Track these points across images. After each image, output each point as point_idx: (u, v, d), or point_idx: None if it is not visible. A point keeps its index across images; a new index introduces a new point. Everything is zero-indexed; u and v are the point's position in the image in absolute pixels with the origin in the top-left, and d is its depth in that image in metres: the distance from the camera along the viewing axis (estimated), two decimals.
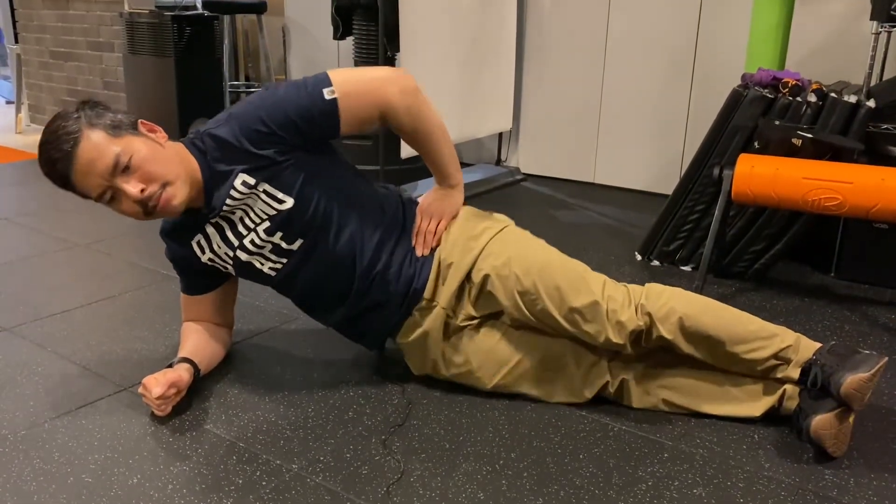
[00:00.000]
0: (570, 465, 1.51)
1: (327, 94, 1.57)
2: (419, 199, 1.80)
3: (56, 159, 1.51)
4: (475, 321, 1.73)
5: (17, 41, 5.43)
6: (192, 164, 1.61)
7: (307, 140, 1.61)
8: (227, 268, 1.75)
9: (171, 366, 1.71)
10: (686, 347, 1.62)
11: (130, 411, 1.69)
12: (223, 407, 1.72)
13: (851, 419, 1.52)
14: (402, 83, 1.61)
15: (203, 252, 1.73)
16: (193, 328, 1.86)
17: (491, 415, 1.70)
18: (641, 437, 1.62)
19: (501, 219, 1.81)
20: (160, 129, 1.64)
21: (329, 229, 1.67)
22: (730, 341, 1.60)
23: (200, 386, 1.78)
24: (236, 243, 1.68)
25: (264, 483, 1.45)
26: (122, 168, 1.52)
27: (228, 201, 1.62)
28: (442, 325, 1.73)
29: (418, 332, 1.74)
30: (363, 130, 1.68)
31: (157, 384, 1.61)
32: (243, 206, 1.64)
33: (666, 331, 1.60)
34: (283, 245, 1.67)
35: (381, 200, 1.76)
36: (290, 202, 1.62)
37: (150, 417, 1.66)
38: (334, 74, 1.59)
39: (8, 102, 6.29)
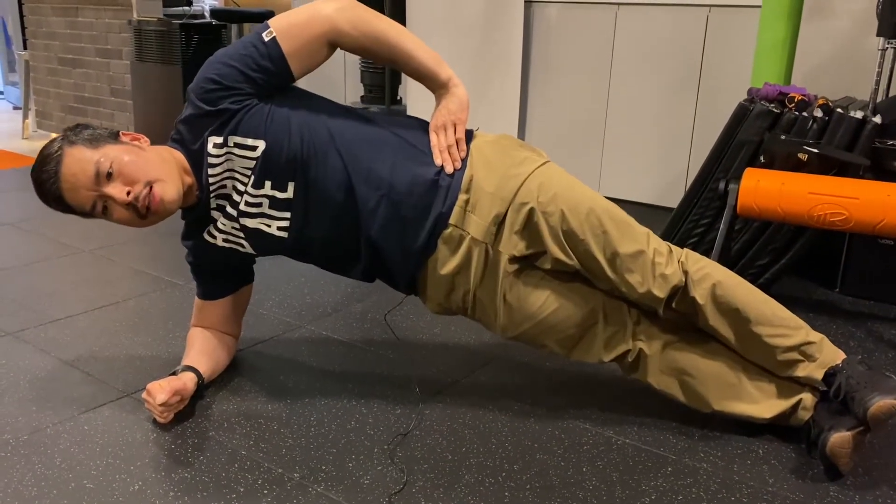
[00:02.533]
0: (573, 478, 1.51)
1: (266, 36, 1.57)
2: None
3: (44, 181, 1.56)
4: (516, 266, 1.63)
5: (25, 47, 5.46)
6: (177, 157, 1.63)
7: (263, 87, 1.58)
8: (243, 245, 1.71)
9: (174, 373, 1.71)
10: (713, 317, 1.59)
11: (133, 417, 1.69)
12: (225, 414, 1.71)
13: (866, 438, 1.50)
14: (335, 2, 1.58)
15: (215, 238, 1.72)
16: (200, 335, 1.87)
17: (494, 426, 1.69)
18: (645, 451, 1.61)
19: (540, 152, 1.72)
20: (143, 136, 1.66)
21: (314, 159, 1.59)
22: (756, 320, 1.57)
23: (203, 393, 1.78)
24: (235, 213, 1.66)
25: (266, 491, 1.44)
26: (106, 175, 1.54)
27: (210, 171, 1.62)
28: (480, 260, 1.62)
29: (452, 266, 1.63)
30: (319, 63, 1.63)
31: (162, 391, 1.61)
32: (228, 173, 1.62)
33: (699, 294, 1.57)
34: (278, 195, 1.61)
35: (373, 122, 1.67)
36: (262, 144, 1.58)
37: (152, 424, 1.66)
38: (274, 19, 1.60)
39: (15, 108, 6.33)
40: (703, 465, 1.56)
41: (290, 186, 1.61)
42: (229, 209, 1.67)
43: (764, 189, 2.13)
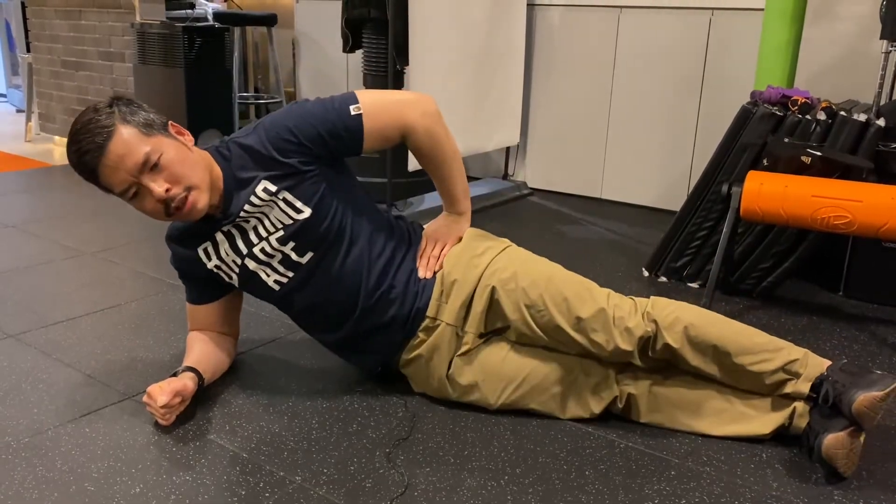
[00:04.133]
0: (575, 482, 1.50)
1: (353, 110, 1.63)
2: (425, 226, 1.83)
3: (87, 150, 1.53)
4: (482, 339, 1.73)
5: (28, 50, 5.47)
6: (216, 170, 1.64)
7: (331, 154, 1.66)
8: (231, 277, 1.75)
9: (175, 375, 1.71)
10: (693, 358, 1.61)
11: (134, 420, 1.69)
12: (227, 417, 1.71)
13: (862, 438, 1.50)
14: (424, 106, 1.67)
15: (209, 259, 1.74)
16: (198, 337, 1.86)
17: (496, 429, 1.69)
18: (648, 455, 1.60)
19: (503, 240, 1.84)
20: (188, 132, 1.67)
21: (340, 245, 1.68)
22: (736, 352, 1.59)
23: (205, 396, 1.77)
24: (245, 251, 1.69)
25: (267, 495, 1.44)
26: (151, 166, 1.55)
27: (247, 207, 1.64)
28: (451, 343, 1.72)
29: (424, 348, 1.73)
30: (383, 148, 1.73)
31: (162, 393, 1.60)
32: (259, 214, 1.65)
33: (672, 339, 1.59)
34: (293, 257, 1.68)
35: (391, 219, 1.80)
36: (307, 212, 1.64)
37: (153, 426, 1.66)
38: (361, 94, 1.66)
39: (18, 111, 6.33)
40: (707, 468, 1.56)
41: (309, 255, 1.68)
42: (240, 244, 1.69)
43: (767, 192, 2.13)
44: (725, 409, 1.65)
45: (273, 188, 1.63)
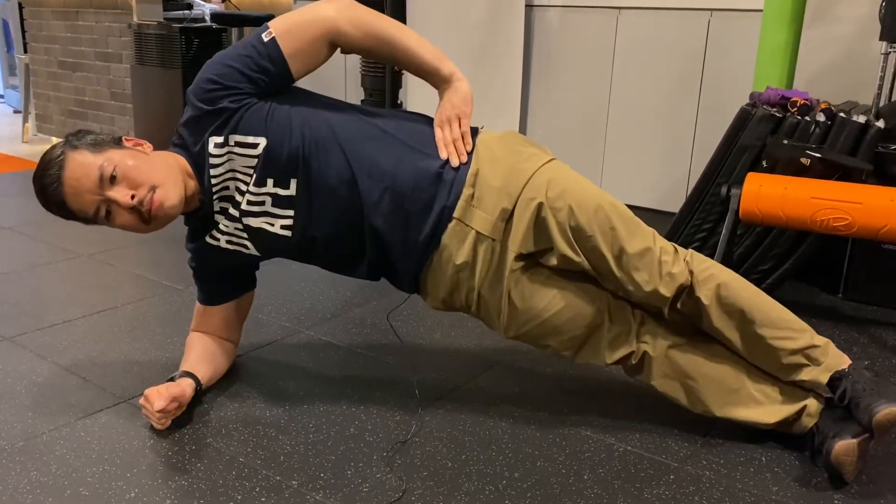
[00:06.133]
0: (574, 486, 1.49)
1: (265, 36, 1.57)
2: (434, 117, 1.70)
3: (47, 185, 1.55)
4: (521, 263, 1.61)
5: (26, 51, 5.46)
6: (180, 161, 1.62)
7: (262, 88, 1.59)
8: (247, 247, 1.69)
9: (172, 379, 1.70)
10: (717, 319, 1.57)
11: (130, 424, 1.68)
12: (223, 421, 1.70)
13: (870, 445, 1.49)
14: (335, 3, 1.60)
15: (218, 240, 1.71)
16: (199, 340, 1.85)
17: (494, 433, 1.68)
18: (647, 459, 1.59)
19: (546, 149, 1.71)
20: (146, 142, 1.66)
21: (316, 155, 1.59)
22: (761, 322, 1.55)
23: (201, 399, 1.76)
24: (237, 213, 1.65)
25: (263, 499, 1.43)
26: (109, 179, 1.54)
27: (212, 171, 1.61)
28: (487, 256, 1.60)
29: (458, 261, 1.60)
30: (320, 64, 1.64)
31: (160, 397, 1.59)
32: (230, 174, 1.62)
33: (703, 294, 1.56)
34: (281, 192, 1.61)
35: (375, 116, 1.67)
36: (262, 141, 1.58)
37: (149, 430, 1.65)
38: (273, 21, 1.60)
39: (16, 112, 6.32)
40: (706, 472, 1.55)
41: (293, 183, 1.61)
42: (231, 210, 1.66)
43: (766, 194, 2.12)
44: (736, 391, 1.61)
45: (220, 139, 1.58)
